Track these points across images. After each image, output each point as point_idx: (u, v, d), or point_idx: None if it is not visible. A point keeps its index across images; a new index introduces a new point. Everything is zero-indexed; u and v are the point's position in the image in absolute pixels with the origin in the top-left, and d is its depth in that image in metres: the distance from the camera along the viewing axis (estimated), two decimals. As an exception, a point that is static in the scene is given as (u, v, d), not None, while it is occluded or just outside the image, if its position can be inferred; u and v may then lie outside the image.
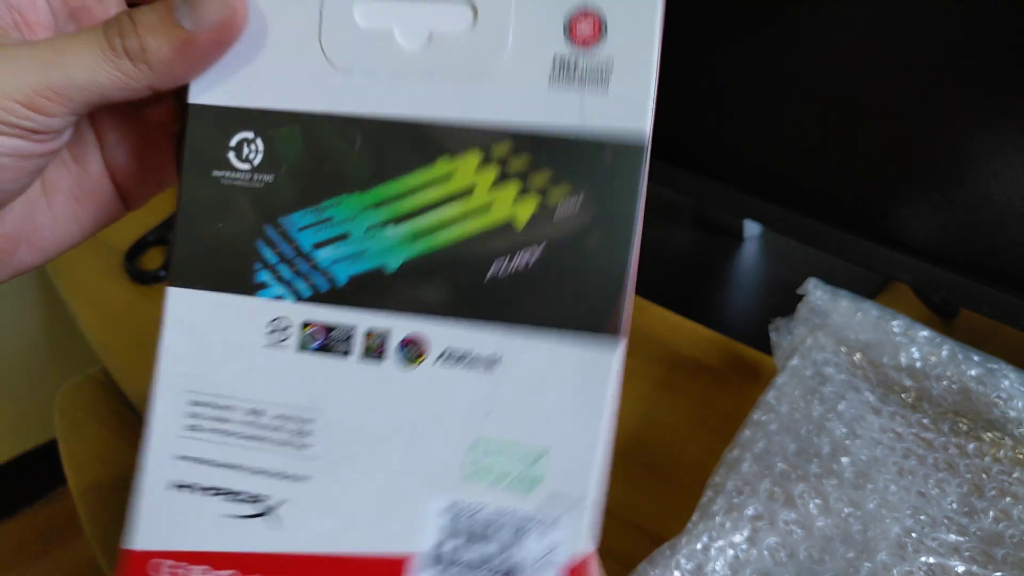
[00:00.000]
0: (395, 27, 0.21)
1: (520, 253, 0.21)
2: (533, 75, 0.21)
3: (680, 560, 0.33)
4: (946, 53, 0.39)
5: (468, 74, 0.21)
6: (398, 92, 0.22)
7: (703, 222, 0.65)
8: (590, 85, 0.21)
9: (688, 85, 0.51)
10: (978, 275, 0.42)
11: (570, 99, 0.21)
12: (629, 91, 0.21)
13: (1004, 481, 0.36)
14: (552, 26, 0.21)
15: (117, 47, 0.20)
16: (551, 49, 0.21)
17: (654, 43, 0.21)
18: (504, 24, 0.21)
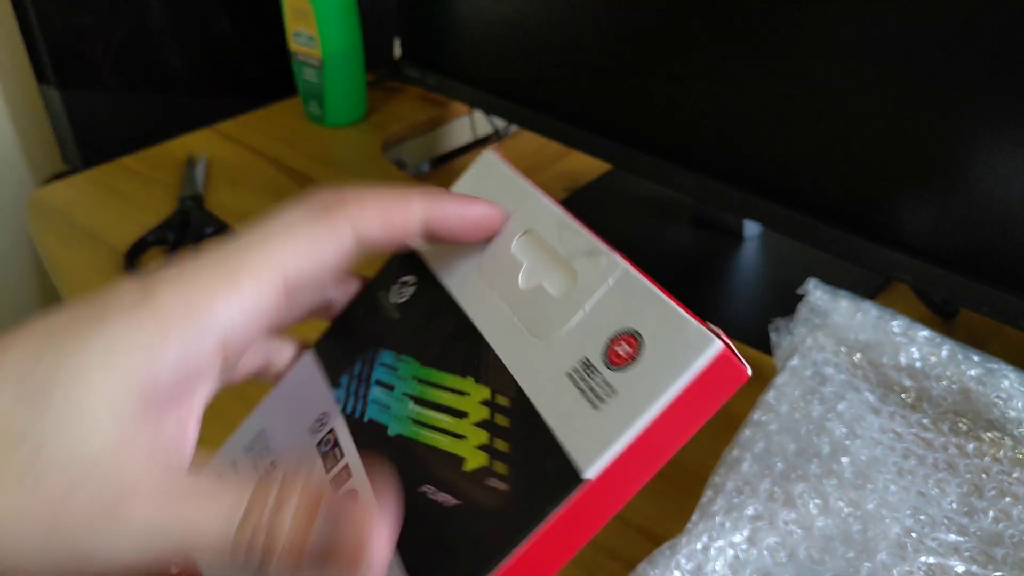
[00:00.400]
0: (525, 264, 0.25)
1: (448, 492, 0.22)
2: (563, 359, 0.22)
3: (680, 560, 0.33)
4: (946, 52, 0.39)
5: (532, 327, 0.24)
6: (490, 308, 0.25)
7: (703, 222, 0.65)
8: (588, 398, 0.21)
9: (688, 85, 0.51)
10: (978, 275, 0.42)
11: (567, 398, 0.22)
12: (599, 432, 0.21)
13: (1004, 481, 0.36)
14: (604, 330, 0.22)
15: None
16: (589, 348, 0.22)
17: (651, 410, 0.21)
18: (579, 307, 0.23)
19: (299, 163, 0.71)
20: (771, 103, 0.47)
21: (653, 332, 0.21)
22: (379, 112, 0.79)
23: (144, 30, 0.79)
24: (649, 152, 0.55)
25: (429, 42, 0.68)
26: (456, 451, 0.23)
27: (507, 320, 0.24)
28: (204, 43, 0.84)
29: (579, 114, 0.59)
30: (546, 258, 0.25)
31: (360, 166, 0.72)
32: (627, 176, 0.70)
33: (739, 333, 0.50)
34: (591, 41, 0.55)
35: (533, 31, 0.58)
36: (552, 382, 0.22)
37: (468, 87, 0.66)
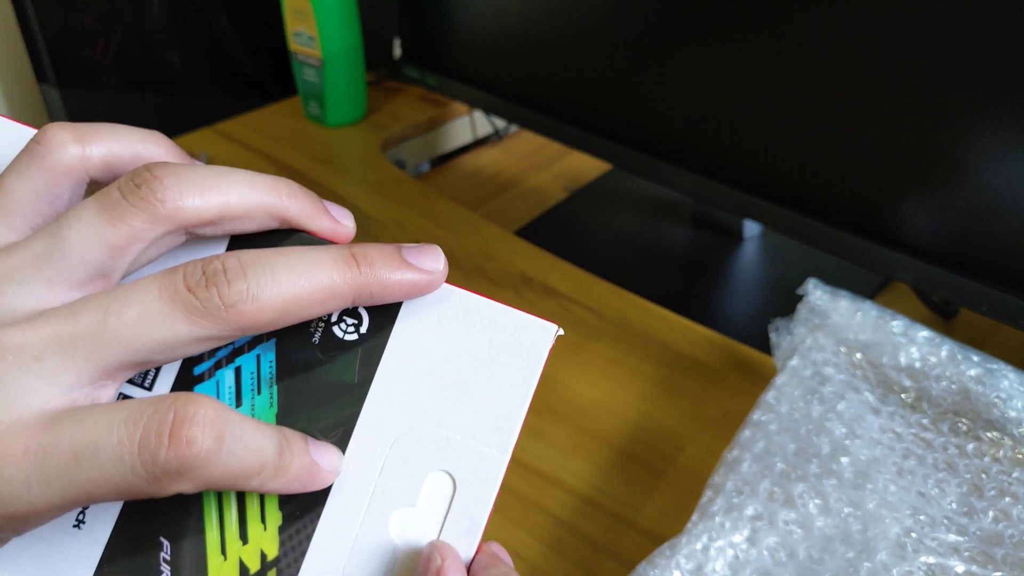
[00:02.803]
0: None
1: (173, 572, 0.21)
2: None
3: (680, 560, 0.33)
4: (946, 52, 0.39)
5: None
6: (370, 467, 0.22)
7: (703, 222, 0.65)
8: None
9: (688, 85, 0.51)
10: (978, 275, 0.42)
11: None
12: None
13: (1004, 481, 0.36)
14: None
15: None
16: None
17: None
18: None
19: (299, 163, 0.71)
20: (771, 104, 0.47)
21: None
22: (379, 112, 0.79)
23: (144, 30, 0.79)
24: (649, 152, 0.55)
25: (429, 42, 0.68)
26: (209, 557, 0.21)
27: (359, 507, 0.21)
28: (204, 43, 0.84)
29: (579, 114, 0.59)
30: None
31: (360, 166, 0.72)
32: (627, 176, 0.70)
33: (739, 333, 0.50)
34: (591, 41, 0.55)
35: (533, 31, 0.58)
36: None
37: (468, 87, 0.66)
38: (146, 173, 0.20)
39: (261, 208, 0.21)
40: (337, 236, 0.22)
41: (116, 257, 0.20)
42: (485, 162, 0.79)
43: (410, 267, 0.21)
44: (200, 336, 0.19)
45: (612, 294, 0.53)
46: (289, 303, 0.20)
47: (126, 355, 0.19)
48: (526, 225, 0.66)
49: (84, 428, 0.18)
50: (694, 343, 0.49)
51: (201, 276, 0.19)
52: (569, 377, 0.47)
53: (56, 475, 0.18)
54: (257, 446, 0.19)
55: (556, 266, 0.56)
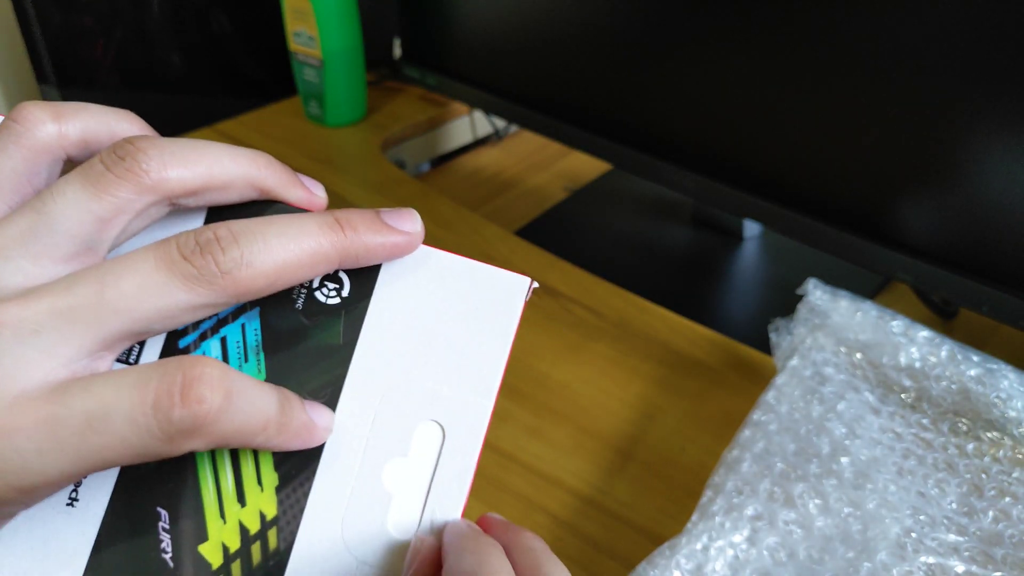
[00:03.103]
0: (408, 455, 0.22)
1: (174, 544, 0.21)
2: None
3: (680, 560, 0.33)
4: (946, 53, 0.39)
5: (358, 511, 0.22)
6: (360, 414, 0.23)
7: (703, 222, 0.65)
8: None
9: (688, 85, 0.51)
10: (978, 275, 0.42)
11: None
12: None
13: (1003, 481, 0.36)
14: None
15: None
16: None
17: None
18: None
19: (299, 163, 0.71)
20: (771, 104, 0.47)
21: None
22: (379, 112, 0.79)
23: (144, 30, 0.79)
24: (649, 152, 0.55)
25: (429, 42, 0.68)
26: (209, 522, 0.21)
27: (353, 462, 0.22)
28: (204, 43, 0.84)
29: (579, 114, 0.59)
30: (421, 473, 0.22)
31: (360, 166, 0.72)
32: (627, 176, 0.70)
33: (739, 333, 0.50)
34: (591, 41, 0.55)
35: (533, 31, 0.58)
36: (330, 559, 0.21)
37: (468, 87, 0.66)
38: (129, 146, 0.20)
39: (242, 178, 0.22)
40: (312, 205, 0.23)
41: (102, 229, 0.20)
42: (485, 162, 0.79)
43: (391, 229, 0.22)
44: (197, 303, 0.20)
45: (612, 294, 0.53)
46: (281, 268, 0.20)
47: (125, 325, 0.19)
48: (526, 225, 0.66)
49: (94, 395, 0.18)
50: (694, 343, 0.49)
51: (195, 245, 0.20)
52: (569, 377, 0.47)
53: (69, 442, 0.18)
54: (261, 403, 0.20)
55: (556, 266, 0.56)
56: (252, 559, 0.21)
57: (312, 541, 0.21)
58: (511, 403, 0.45)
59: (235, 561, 0.21)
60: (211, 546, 0.21)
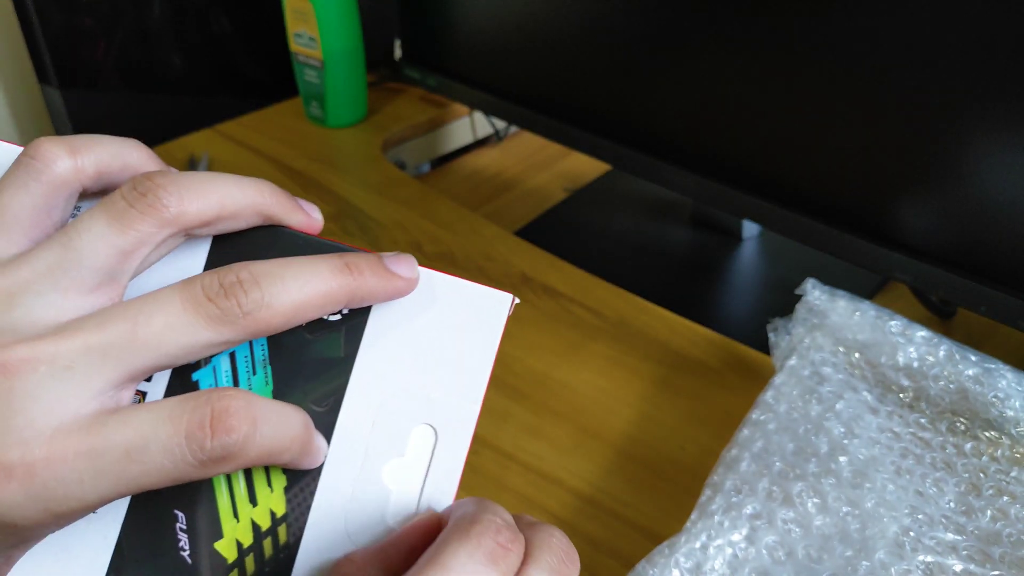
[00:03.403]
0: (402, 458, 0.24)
1: (191, 543, 0.23)
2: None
3: (679, 559, 0.33)
4: (944, 53, 0.39)
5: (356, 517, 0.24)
6: (358, 429, 0.24)
7: (702, 222, 0.66)
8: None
9: (687, 86, 0.51)
10: (976, 275, 0.42)
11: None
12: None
13: (1002, 480, 0.36)
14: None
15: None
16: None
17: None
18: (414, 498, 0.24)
19: (300, 163, 0.71)
20: (770, 104, 0.47)
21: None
22: (380, 113, 0.79)
23: (145, 30, 0.79)
24: (649, 152, 0.55)
25: (429, 43, 0.68)
26: (223, 521, 0.23)
27: (355, 463, 0.24)
28: (205, 44, 0.84)
29: (579, 115, 0.59)
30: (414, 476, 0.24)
31: (361, 167, 0.72)
32: (627, 176, 0.70)
33: (738, 333, 0.50)
34: (591, 42, 0.55)
35: (533, 33, 0.58)
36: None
37: (468, 88, 0.66)
38: (148, 182, 0.22)
39: (249, 208, 0.23)
40: (310, 228, 0.25)
41: (125, 262, 0.22)
42: (485, 163, 0.79)
43: (393, 275, 0.24)
44: (219, 341, 0.21)
45: (612, 294, 0.54)
46: (297, 308, 0.22)
47: (152, 360, 0.21)
48: (526, 225, 0.67)
49: (132, 427, 0.20)
50: (693, 343, 0.50)
51: (219, 288, 0.21)
52: (569, 377, 0.47)
53: (110, 471, 0.20)
54: (285, 426, 0.21)
55: (556, 266, 0.56)
56: (264, 553, 0.23)
57: (318, 534, 0.23)
58: (511, 403, 0.46)
59: (248, 555, 0.23)
60: (226, 543, 0.23)
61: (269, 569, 0.23)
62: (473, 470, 0.41)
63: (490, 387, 0.24)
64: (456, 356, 0.24)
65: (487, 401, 0.24)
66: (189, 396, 0.20)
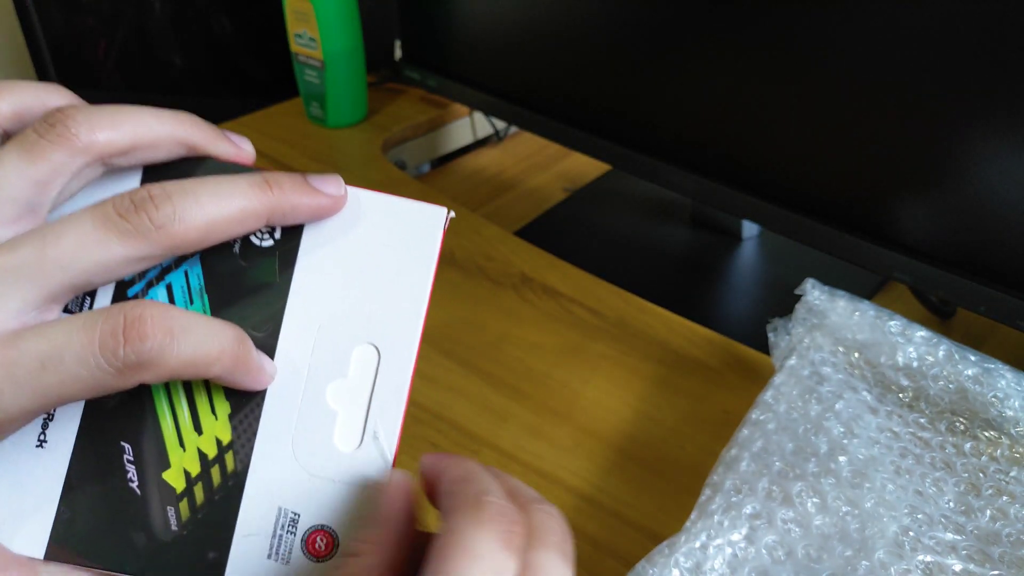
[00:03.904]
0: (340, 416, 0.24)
1: (138, 474, 0.23)
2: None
3: (679, 558, 0.33)
4: (943, 54, 0.39)
5: (306, 434, 0.24)
6: (300, 350, 0.25)
7: (702, 222, 0.66)
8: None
9: (687, 86, 0.51)
10: (975, 275, 0.42)
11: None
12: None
13: (1001, 480, 0.36)
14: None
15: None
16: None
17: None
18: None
19: (300, 163, 0.71)
20: (769, 104, 0.47)
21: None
22: (380, 113, 0.79)
23: (146, 31, 0.80)
24: (648, 153, 0.55)
25: (430, 44, 0.68)
26: (169, 451, 0.23)
27: (298, 386, 0.24)
28: (206, 44, 0.84)
29: (578, 115, 0.59)
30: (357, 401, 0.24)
31: (361, 167, 0.72)
32: (626, 176, 0.70)
33: (738, 333, 0.50)
34: (590, 43, 0.55)
35: (533, 33, 0.58)
36: (289, 488, 0.23)
37: (468, 88, 0.66)
38: (59, 113, 0.22)
39: (168, 137, 0.23)
40: (239, 158, 0.25)
41: (41, 192, 0.22)
42: (485, 163, 0.79)
43: (316, 192, 0.24)
44: (134, 256, 0.21)
45: (611, 294, 0.54)
46: (212, 223, 0.22)
47: (67, 279, 0.21)
48: (526, 225, 0.67)
49: (46, 339, 0.20)
50: (693, 343, 0.50)
51: (130, 203, 0.21)
52: (569, 376, 0.47)
53: (26, 382, 0.20)
54: (212, 337, 0.22)
55: (556, 266, 0.56)
56: (212, 481, 0.23)
57: (266, 460, 0.24)
58: (511, 402, 0.46)
59: (197, 484, 0.23)
60: (174, 472, 0.23)
61: (219, 497, 0.23)
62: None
63: (493, 389, 0.24)
64: (394, 274, 0.24)
65: (487, 401, 0.24)
66: (105, 308, 0.21)
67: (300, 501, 0.23)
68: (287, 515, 0.23)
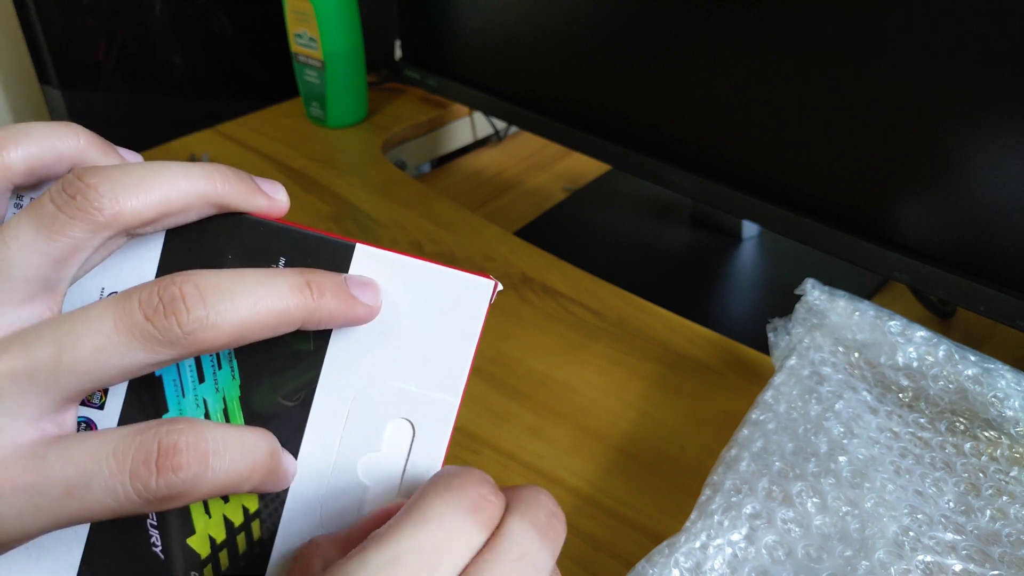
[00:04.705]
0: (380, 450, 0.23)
1: (162, 539, 0.23)
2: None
3: (679, 558, 0.33)
4: (942, 54, 0.39)
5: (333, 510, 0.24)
6: (333, 423, 0.24)
7: (702, 222, 0.66)
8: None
9: (687, 86, 0.51)
10: (975, 275, 0.42)
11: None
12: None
13: (1001, 480, 0.36)
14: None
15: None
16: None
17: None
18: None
19: (300, 164, 0.71)
20: (769, 104, 0.47)
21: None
22: (380, 113, 0.79)
23: (146, 31, 0.80)
24: (648, 153, 0.55)
25: (430, 44, 0.68)
26: (195, 517, 0.23)
27: (328, 458, 0.23)
28: (206, 44, 0.84)
29: (578, 115, 0.59)
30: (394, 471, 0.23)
31: (361, 167, 0.72)
32: (626, 176, 0.70)
33: (737, 333, 0.50)
34: (590, 43, 0.55)
35: (533, 33, 0.58)
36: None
37: (468, 88, 0.66)
38: (78, 182, 0.20)
39: (199, 199, 0.21)
40: (273, 211, 0.23)
41: (59, 270, 0.20)
42: (485, 163, 0.79)
43: (355, 302, 0.22)
44: (157, 361, 0.20)
45: (611, 294, 0.54)
46: (244, 328, 0.20)
47: (84, 384, 0.19)
48: (526, 225, 0.67)
49: (74, 464, 0.19)
50: (693, 343, 0.50)
51: (158, 303, 0.19)
52: (569, 376, 0.47)
53: (50, 508, 0.19)
54: (245, 456, 0.20)
55: (556, 266, 0.56)
56: (238, 548, 0.23)
57: (293, 530, 0.23)
58: (511, 402, 0.46)
59: (222, 551, 0.23)
60: (198, 538, 0.23)
61: (244, 564, 0.23)
62: (473, 470, 0.41)
63: (493, 389, 0.23)
64: (435, 347, 0.23)
65: (488, 401, 0.24)
66: (137, 429, 0.19)
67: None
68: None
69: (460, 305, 0.23)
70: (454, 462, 0.23)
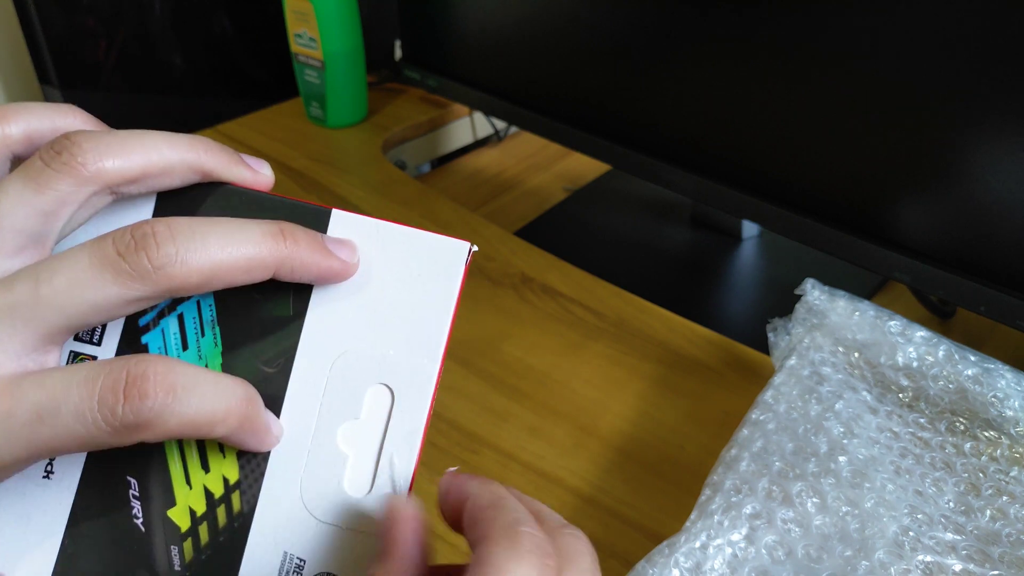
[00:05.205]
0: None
1: (144, 512, 0.23)
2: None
3: (679, 558, 0.33)
4: (942, 54, 0.39)
5: (314, 487, 0.23)
6: (311, 394, 0.24)
7: (702, 222, 0.66)
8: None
9: (686, 87, 0.51)
10: (975, 275, 0.42)
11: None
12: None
13: (1001, 480, 0.36)
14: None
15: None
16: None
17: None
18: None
19: (300, 164, 0.71)
20: (769, 105, 0.47)
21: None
22: (380, 113, 0.79)
23: (146, 31, 0.80)
24: (648, 153, 0.55)
25: (430, 44, 0.68)
26: (176, 488, 0.23)
27: (308, 426, 0.23)
28: (206, 44, 0.84)
29: (578, 115, 0.59)
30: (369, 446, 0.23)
31: (361, 167, 0.72)
32: (626, 176, 0.70)
33: (737, 333, 0.50)
34: (590, 43, 0.55)
35: (533, 34, 0.58)
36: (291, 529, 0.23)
37: (468, 88, 0.66)
38: (65, 140, 0.21)
39: (181, 163, 0.22)
40: (257, 183, 0.24)
41: (47, 222, 0.21)
42: (485, 163, 0.79)
43: (329, 254, 0.22)
44: (130, 297, 0.20)
45: (611, 294, 0.54)
46: (215, 268, 0.21)
47: (61, 320, 0.20)
48: (526, 225, 0.67)
49: (45, 389, 0.20)
50: (693, 343, 0.50)
51: (130, 240, 0.20)
52: (569, 376, 0.47)
53: (20, 433, 0.19)
54: (217, 396, 0.21)
55: (556, 266, 0.56)
56: (218, 521, 0.23)
57: (273, 502, 0.23)
58: (511, 403, 0.46)
59: (202, 524, 0.23)
60: (179, 511, 0.23)
61: (224, 539, 0.23)
62: (474, 470, 0.41)
63: (493, 389, 0.23)
64: (413, 312, 0.23)
65: (488, 401, 0.24)
66: (108, 360, 0.20)
67: (306, 547, 0.23)
68: (292, 560, 0.23)
69: (437, 268, 0.23)
70: (454, 462, 0.22)
